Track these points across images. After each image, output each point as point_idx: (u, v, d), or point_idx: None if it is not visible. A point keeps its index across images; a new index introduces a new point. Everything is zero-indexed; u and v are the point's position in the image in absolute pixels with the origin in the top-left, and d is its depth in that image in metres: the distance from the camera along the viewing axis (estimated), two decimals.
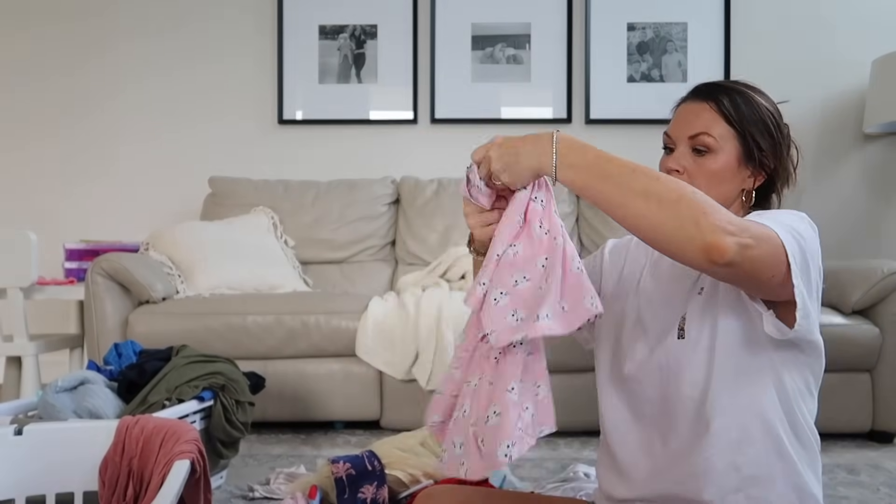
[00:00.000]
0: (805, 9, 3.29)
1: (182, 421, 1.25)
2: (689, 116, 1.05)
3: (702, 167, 1.02)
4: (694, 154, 1.03)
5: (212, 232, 2.78)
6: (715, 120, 1.02)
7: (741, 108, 1.03)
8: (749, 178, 1.04)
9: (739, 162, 1.03)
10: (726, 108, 1.02)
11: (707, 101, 1.04)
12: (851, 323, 2.27)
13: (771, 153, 1.04)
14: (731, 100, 1.03)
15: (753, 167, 1.04)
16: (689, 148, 1.04)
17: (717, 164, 1.02)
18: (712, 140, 1.02)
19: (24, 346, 2.54)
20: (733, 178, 1.03)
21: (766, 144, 1.03)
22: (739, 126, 1.02)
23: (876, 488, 1.83)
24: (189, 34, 3.39)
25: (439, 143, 3.36)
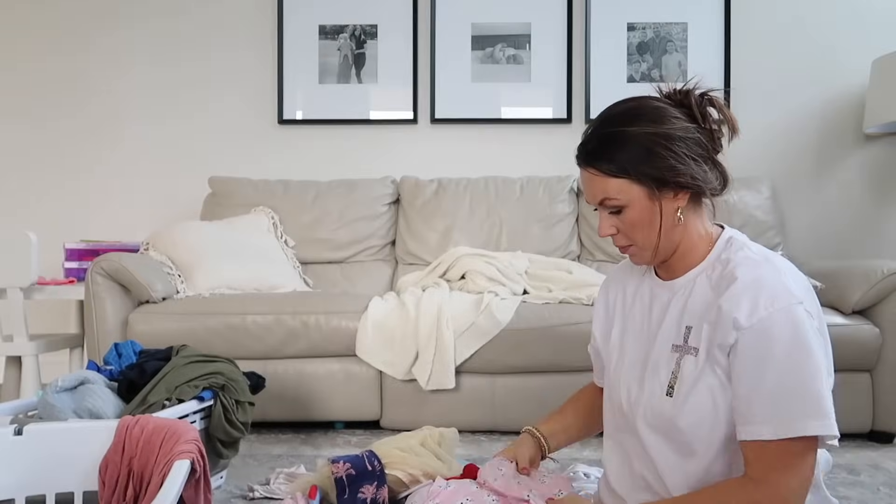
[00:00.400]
0: (805, 9, 3.29)
1: (182, 421, 1.25)
2: (586, 185, 1.06)
3: (624, 223, 1.04)
4: (613, 214, 1.04)
5: (212, 232, 2.78)
6: (604, 182, 1.03)
7: (618, 155, 1.01)
8: (674, 198, 1.03)
9: (652, 198, 1.02)
10: (603, 167, 1.02)
11: (588, 168, 1.04)
12: (851, 323, 2.27)
13: (678, 171, 1.01)
14: (604, 155, 1.02)
15: (672, 189, 1.02)
16: (606, 211, 1.05)
17: (635, 215, 1.02)
18: (615, 200, 1.03)
19: (24, 346, 2.54)
20: (655, 215, 1.02)
21: (666, 170, 1.00)
22: (627, 174, 1.01)
23: (876, 488, 1.83)
24: (189, 34, 3.39)
25: (439, 143, 3.36)
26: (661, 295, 1.09)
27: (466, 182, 3.09)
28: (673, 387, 1.00)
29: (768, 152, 3.29)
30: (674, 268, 1.08)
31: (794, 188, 3.27)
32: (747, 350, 0.93)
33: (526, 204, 2.98)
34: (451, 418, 2.34)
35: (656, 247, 1.04)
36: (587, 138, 1.06)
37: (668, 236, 1.03)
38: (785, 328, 0.91)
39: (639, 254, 1.07)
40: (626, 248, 1.08)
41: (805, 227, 3.26)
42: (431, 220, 3.04)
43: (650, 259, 1.07)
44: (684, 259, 1.06)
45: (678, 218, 1.03)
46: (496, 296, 2.44)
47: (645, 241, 1.04)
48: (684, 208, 1.03)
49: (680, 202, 1.03)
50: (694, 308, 1.02)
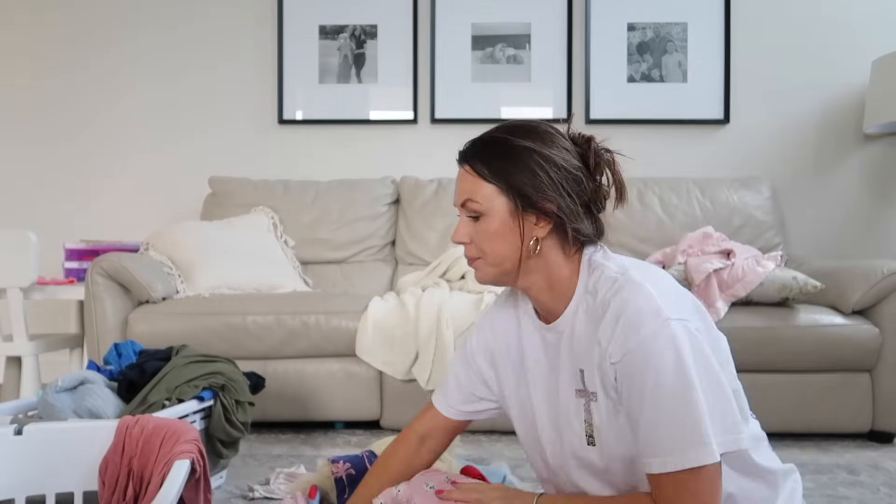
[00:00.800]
0: (805, 9, 3.29)
1: (182, 421, 1.25)
2: (457, 185, 1.02)
3: (481, 232, 0.99)
4: (472, 220, 1.00)
5: (212, 232, 2.78)
6: (475, 183, 0.99)
7: (495, 160, 0.98)
8: (535, 225, 0.98)
9: (514, 215, 0.97)
10: (479, 168, 0.98)
11: (464, 165, 1.01)
12: (851, 323, 2.27)
13: (547, 196, 0.96)
14: (483, 156, 0.99)
15: (535, 213, 0.97)
16: (466, 216, 1.01)
17: (493, 225, 0.98)
18: (478, 205, 0.98)
19: (24, 346, 2.54)
20: (517, 232, 0.97)
21: (534, 188, 0.96)
22: (498, 180, 0.97)
23: (876, 488, 1.83)
24: (189, 35, 3.39)
25: (439, 143, 3.36)
26: (550, 339, 1.03)
27: None
28: (592, 435, 0.97)
29: (768, 152, 3.29)
30: (550, 307, 1.02)
31: (794, 188, 3.27)
32: (624, 385, 0.90)
33: None
34: None
35: (504, 268, 1.00)
36: (474, 139, 1.03)
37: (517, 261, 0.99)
38: (652, 357, 0.86)
39: (484, 270, 1.02)
40: (473, 260, 1.03)
41: (805, 227, 3.26)
42: (431, 220, 3.04)
43: (493, 278, 1.02)
44: (555, 294, 1.00)
45: (534, 247, 0.98)
46: (496, 296, 2.44)
47: (494, 258, 0.99)
48: (543, 239, 0.98)
49: (539, 231, 0.98)
50: (579, 350, 0.97)
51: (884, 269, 2.27)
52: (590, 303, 0.96)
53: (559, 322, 1.01)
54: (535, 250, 0.98)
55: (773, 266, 2.33)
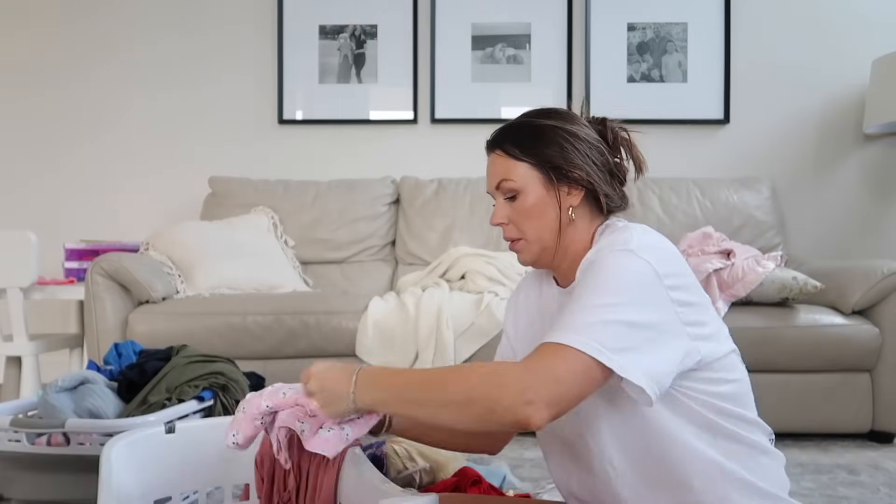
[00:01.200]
0: (805, 9, 3.29)
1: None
2: (490, 170, 1.09)
3: (519, 211, 1.05)
4: (508, 202, 1.06)
5: (212, 232, 2.78)
6: (507, 163, 1.05)
7: (524, 140, 1.05)
8: (568, 195, 1.04)
9: (548, 188, 1.04)
10: (510, 149, 1.05)
11: (494, 151, 1.08)
12: (851, 323, 2.27)
13: (576, 164, 1.03)
14: (512, 139, 1.06)
15: (567, 183, 1.03)
16: (502, 198, 1.07)
17: (529, 201, 1.04)
18: (513, 183, 1.04)
19: (24, 345, 2.54)
20: (552, 205, 1.04)
21: (564, 160, 1.03)
22: (528, 156, 1.04)
23: (876, 488, 1.83)
24: (189, 34, 3.39)
25: (439, 143, 3.36)
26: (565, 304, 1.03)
27: (466, 182, 3.09)
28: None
29: (768, 152, 3.29)
30: (569, 274, 1.06)
31: (794, 188, 3.27)
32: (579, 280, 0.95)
33: None
34: None
35: (545, 242, 1.04)
36: (499, 128, 1.10)
37: (556, 232, 1.04)
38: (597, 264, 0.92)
39: (526, 249, 1.06)
40: (515, 241, 1.08)
41: (805, 227, 3.26)
42: (431, 220, 3.04)
43: (537, 256, 1.06)
44: (577, 261, 1.03)
45: (570, 216, 1.04)
46: (496, 296, 2.44)
47: (534, 234, 1.04)
48: (576, 208, 1.04)
49: (573, 200, 1.04)
50: None
51: (884, 269, 2.27)
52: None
53: (572, 286, 1.04)
54: (571, 219, 1.04)
55: (773, 266, 2.33)
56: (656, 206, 2.96)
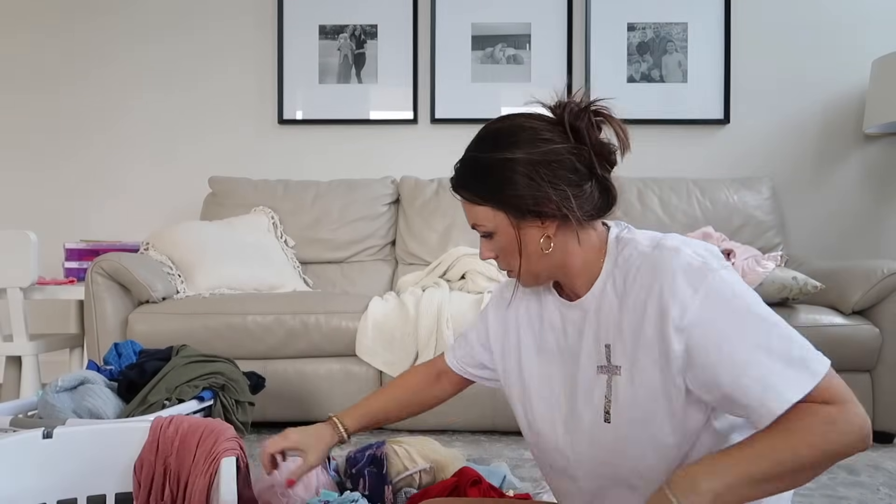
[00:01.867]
0: (805, 9, 3.29)
1: (217, 420, 1.25)
2: (464, 209, 1.04)
3: (496, 249, 1.01)
4: (486, 240, 1.03)
5: (212, 232, 2.78)
6: (472, 208, 1.01)
7: (477, 182, 0.98)
8: (542, 226, 0.97)
9: (517, 225, 0.97)
10: (466, 194, 1.00)
11: (458, 194, 1.03)
12: (851, 323, 2.27)
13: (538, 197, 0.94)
14: (465, 181, 1.00)
15: (535, 217, 0.96)
16: (482, 236, 1.03)
17: (504, 240, 0.99)
18: (483, 226, 1.00)
19: (24, 345, 2.54)
20: (526, 240, 0.98)
21: (525, 196, 0.95)
22: (486, 201, 0.98)
23: (876, 488, 1.83)
24: (189, 34, 3.39)
25: (439, 143, 3.36)
26: (572, 316, 1.02)
27: None
28: (609, 412, 0.95)
29: (768, 152, 3.29)
30: (576, 287, 1.01)
31: (794, 188, 3.27)
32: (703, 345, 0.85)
33: None
34: (450, 418, 2.34)
35: (537, 271, 1.01)
36: (458, 163, 1.05)
37: (540, 262, 0.99)
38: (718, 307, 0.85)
39: (522, 279, 1.03)
40: (509, 272, 1.05)
41: (805, 227, 3.26)
42: (431, 220, 3.04)
43: (533, 283, 1.03)
44: (582, 276, 1.00)
45: (547, 245, 0.97)
46: None
47: (523, 268, 1.01)
48: (554, 236, 0.97)
49: (548, 230, 0.97)
50: (607, 324, 0.96)
51: (884, 269, 2.27)
52: (618, 278, 0.95)
53: (585, 299, 1.00)
54: (549, 248, 0.98)
55: (773, 266, 2.33)
56: (656, 206, 2.96)
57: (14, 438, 1.20)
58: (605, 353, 0.96)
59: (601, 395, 0.96)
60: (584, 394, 0.99)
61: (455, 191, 1.04)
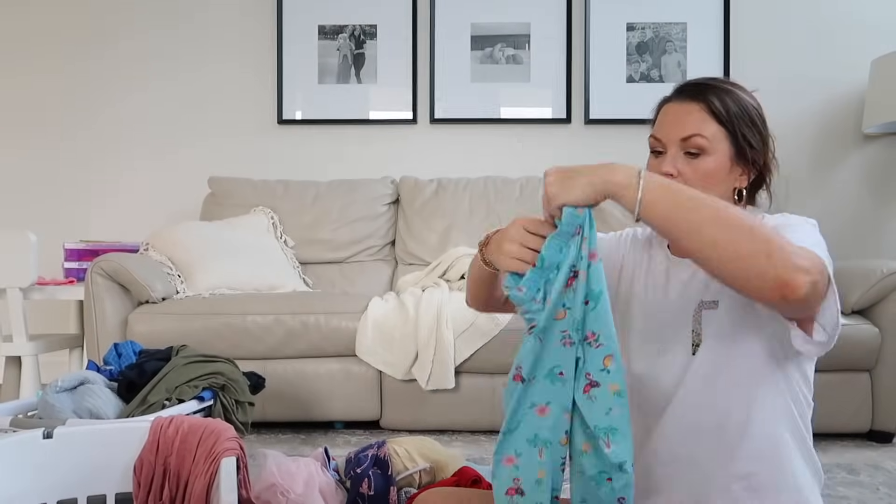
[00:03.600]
0: (805, 9, 3.29)
1: (217, 420, 1.25)
2: (678, 118, 1.03)
3: (696, 169, 1.01)
4: (686, 157, 1.01)
5: (211, 232, 2.78)
6: (706, 120, 1.01)
7: (730, 106, 1.01)
8: (741, 175, 1.04)
9: (732, 161, 1.02)
10: (716, 107, 1.01)
11: (696, 102, 1.02)
12: (851, 323, 2.27)
13: (760, 150, 1.03)
14: (719, 99, 1.01)
15: (744, 165, 1.03)
16: (680, 150, 1.02)
17: (711, 165, 1.00)
18: (705, 141, 1.00)
19: (24, 346, 2.53)
20: (726, 179, 1.02)
21: (755, 141, 1.02)
22: (730, 125, 1.01)
23: (875, 488, 1.83)
24: (188, 34, 3.39)
25: (439, 143, 3.36)
26: (679, 273, 1.05)
27: (466, 182, 3.10)
28: (697, 345, 0.99)
29: None
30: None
31: (794, 188, 3.27)
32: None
33: (525, 204, 2.98)
34: (450, 418, 2.34)
35: None
36: (697, 79, 1.07)
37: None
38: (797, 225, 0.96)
39: None
40: None
41: None
42: (431, 220, 3.04)
43: None
44: None
45: (738, 193, 1.04)
46: None
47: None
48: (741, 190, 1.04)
49: (742, 182, 1.04)
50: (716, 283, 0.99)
51: (883, 269, 2.27)
52: None
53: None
54: (734, 200, 1.04)
55: None
56: None
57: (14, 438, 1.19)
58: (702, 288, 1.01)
59: (688, 330, 1.00)
60: (672, 331, 1.02)
61: (698, 97, 1.03)
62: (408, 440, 1.74)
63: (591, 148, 3.26)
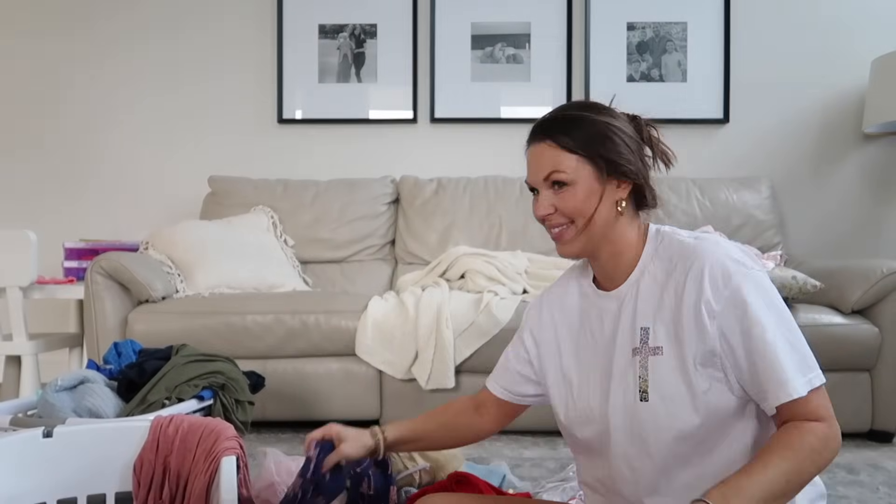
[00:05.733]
0: (805, 9, 3.29)
1: (217, 419, 1.25)
2: (536, 159, 1.07)
3: (567, 201, 1.04)
4: (555, 192, 1.05)
5: (211, 231, 2.78)
6: (558, 155, 1.04)
7: (576, 133, 1.04)
8: (618, 188, 1.05)
9: (600, 181, 1.04)
10: (563, 140, 1.04)
11: (543, 141, 1.06)
12: (851, 323, 2.27)
13: (627, 159, 1.05)
14: (564, 131, 1.04)
15: (618, 178, 1.05)
16: (548, 188, 1.05)
17: (580, 192, 1.03)
18: (564, 174, 1.03)
19: (24, 345, 2.54)
20: (604, 197, 1.04)
21: (616, 154, 1.04)
22: (583, 150, 1.03)
23: (875, 488, 1.83)
24: (189, 34, 3.39)
25: (439, 143, 3.36)
26: (609, 306, 1.08)
27: (466, 182, 3.10)
28: (645, 391, 0.99)
29: (768, 152, 3.29)
30: (612, 274, 1.08)
31: (794, 188, 3.27)
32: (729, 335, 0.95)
33: (525, 203, 2.98)
34: None
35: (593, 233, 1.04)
36: (546, 116, 1.10)
37: (602, 226, 1.04)
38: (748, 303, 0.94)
39: (573, 238, 1.05)
40: (561, 230, 1.06)
41: (805, 226, 3.26)
42: (431, 219, 3.04)
43: (582, 245, 1.05)
44: (619, 261, 1.07)
45: (618, 209, 1.05)
46: (496, 295, 2.44)
47: (583, 221, 1.04)
48: (625, 200, 1.06)
49: (622, 193, 1.05)
50: (645, 309, 1.02)
51: (883, 269, 2.27)
52: (657, 266, 1.04)
53: (622, 289, 1.06)
54: (619, 212, 1.06)
55: (772, 265, 2.33)
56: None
57: (14, 438, 1.19)
58: (641, 335, 1.02)
59: (635, 376, 1.01)
60: (619, 377, 1.04)
61: (544, 137, 1.07)
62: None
63: None
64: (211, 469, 1.12)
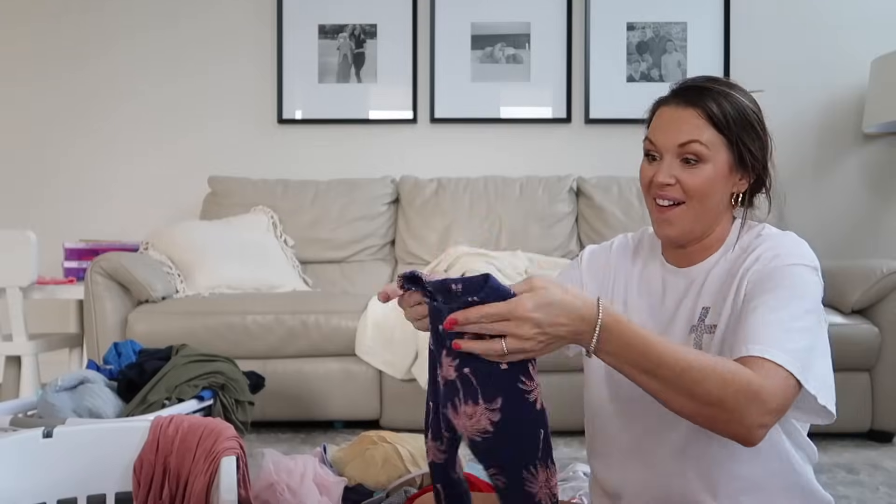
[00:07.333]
0: (805, 8, 3.29)
1: (217, 419, 1.25)
2: (675, 123, 0.99)
3: (694, 177, 0.98)
4: (682, 163, 0.98)
5: (211, 231, 2.78)
6: (703, 127, 0.97)
7: (729, 112, 0.97)
8: (740, 181, 1.01)
9: (731, 169, 0.99)
10: (715, 113, 0.97)
11: (693, 107, 0.98)
12: (851, 323, 2.27)
13: (759, 154, 1.00)
14: (718, 104, 0.97)
15: (743, 170, 1.00)
16: (676, 157, 0.99)
17: (710, 173, 0.98)
18: (703, 148, 0.97)
19: (24, 345, 2.54)
20: (724, 185, 0.99)
21: (754, 147, 0.99)
22: (729, 132, 0.97)
23: (875, 488, 1.83)
24: (189, 34, 3.39)
25: (439, 143, 3.36)
26: (676, 283, 1.04)
27: (466, 182, 3.09)
28: None
29: None
30: (693, 256, 1.04)
31: (794, 188, 3.27)
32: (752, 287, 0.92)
33: (525, 203, 2.98)
34: None
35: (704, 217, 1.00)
36: (694, 80, 1.02)
37: (710, 212, 1.00)
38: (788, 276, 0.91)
39: (682, 217, 0.99)
40: (672, 206, 1.00)
41: (805, 226, 3.25)
42: (431, 219, 3.04)
43: (689, 227, 1.00)
44: (706, 247, 1.03)
45: (731, 203, 1.02)
46: None
47: (702, 201, 0.99)
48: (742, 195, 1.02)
49: (741, 187, 1.02)
50: (710, 289, 0.99)
51: (883, 269, 2.27)
52: (735, 252, 1.01)
53: (694, 269, 1.03)
54: (732, 205, 1.02)
55: None
56: None
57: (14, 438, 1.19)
58: (701, 314, 0.99)
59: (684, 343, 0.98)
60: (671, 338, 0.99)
61: (692, 103, 0.99)
62: (409, 440, 1.74)
63: (591, 147, 3.26)
64: (211, 469, 1.12)
